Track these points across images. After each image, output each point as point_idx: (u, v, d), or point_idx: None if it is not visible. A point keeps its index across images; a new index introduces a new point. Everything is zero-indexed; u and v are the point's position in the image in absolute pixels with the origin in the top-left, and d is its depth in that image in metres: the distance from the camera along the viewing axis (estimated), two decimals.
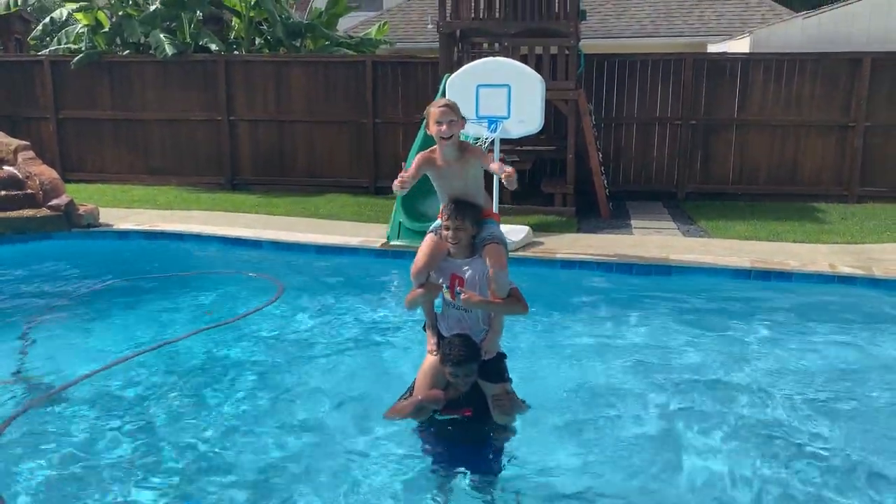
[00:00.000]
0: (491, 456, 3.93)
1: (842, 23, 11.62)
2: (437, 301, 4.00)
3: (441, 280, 3.88)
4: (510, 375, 3.98)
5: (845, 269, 7.09)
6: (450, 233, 3.79)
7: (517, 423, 4.00)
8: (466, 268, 3.85)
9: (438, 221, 3.97)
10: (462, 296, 3.75)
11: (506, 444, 3.96)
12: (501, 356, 4.02)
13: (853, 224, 9.26)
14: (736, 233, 8.79)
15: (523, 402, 4.02)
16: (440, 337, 3.91)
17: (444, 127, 3.79)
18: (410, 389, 4.03)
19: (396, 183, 3.75)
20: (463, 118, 3.90)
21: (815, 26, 11.77)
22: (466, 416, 3.86)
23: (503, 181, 3.77)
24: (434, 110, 3.85)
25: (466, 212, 3.84)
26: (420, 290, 3.85)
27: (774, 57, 11.03)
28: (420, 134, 8.76)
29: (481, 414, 3.87)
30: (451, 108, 3.87)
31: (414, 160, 3.95)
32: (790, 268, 7.16)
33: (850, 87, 10.76)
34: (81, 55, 12.17)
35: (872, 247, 8.09)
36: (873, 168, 10.90)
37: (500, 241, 3.86)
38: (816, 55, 10.89)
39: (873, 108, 10.73)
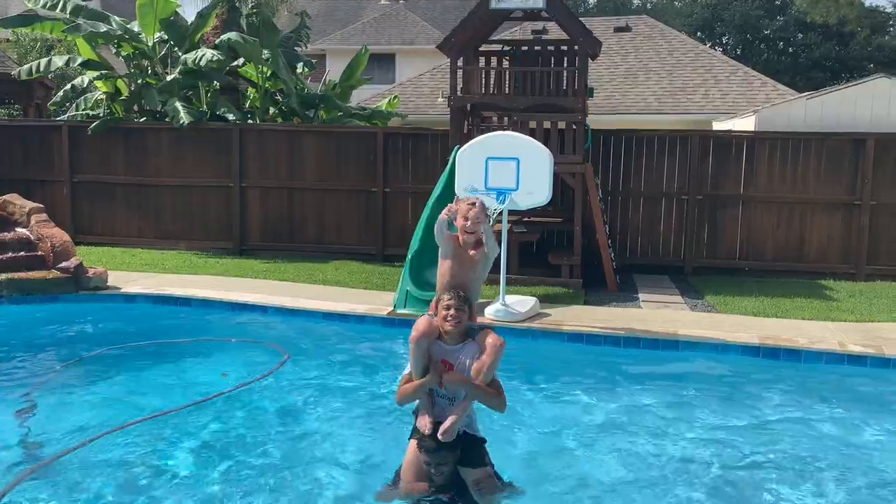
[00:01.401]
0: None
1: (844, 104, 11.84)
2: None
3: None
4: (492, 459, 3.98)
5: (855, 348, 7.02)
6: (451, 312, 3.81)
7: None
8: (458, 353, 3.88)
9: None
10: (445, 376, 3.73)
11: None
12: (480, 441, 4.00)
13: (861, 302, 9.22)
14: (743, 308, 8.75)
15: (510, 483, 3.95)
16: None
17: (468, 223, 4.07)
18: (397, 474, 3.99)
19: (443, 214, 4.10)
20: (487, 216, 4.04)
21: (818, 107, 12.00)
22: (446, 500, 3.83)
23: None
24: (465, 206, 4.07)
25: (467, 298, 3.89)
26: (417, 383, 3.82)
27: (779, 136, 11.20)
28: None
29: (462, 498, 3.81)
30: (482, 211, 4.12)
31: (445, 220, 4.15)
32: (799, 345, 7.10)
33: (855, 166, 10.88)
34: (99, 121, 12.45)
35: (882, 325, 8.03)
36: (880, 246, 10.92)
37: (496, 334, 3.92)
38: (821, 135, 11.05)
39: (878, 186, 10.82)
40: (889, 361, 6.78)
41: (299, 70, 14.21)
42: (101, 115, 13.16)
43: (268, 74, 13.45)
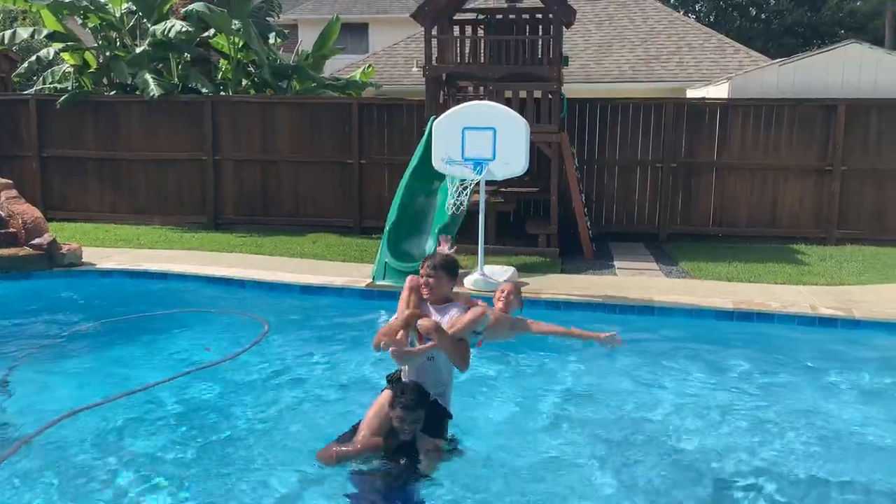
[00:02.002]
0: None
1: (816, 70, 11.94)
2: None
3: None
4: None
5: (826, 311, 7.18)
6: (425, 280, 4.06)
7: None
8: (440, 313, 4.07)
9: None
10: (422, 319, 3.91)
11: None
12: (447, 414, 4.15)
13: (832, 266, 9.40)
14: (717, 274, 8.88)
15: (458, 450, 4.13)
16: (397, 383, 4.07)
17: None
18: (351, 431, 4.05)
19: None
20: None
21: (790, 73, 12.09)
22: (391, 467, 3.95)
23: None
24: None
25: (441, 265, 4.08)
26: (393, 318, 4.02)
27: (752, 102, 11.29)
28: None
29: (409, 468, 3.93)
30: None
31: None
32: (772, 309, 7.24)
33: (827, 132, 11.01)
34: (68, 95, 12.21)
35: (852, 288, 8.21)
36: (850, 211, 11.11)
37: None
38: (793, 101, 11.16)
39: (849, 152, 10.98)
40: (858, 323, 6.95)
41: (271, 41, 14.00)
42: (69, 88, 12.90)
43: (239, 45, 13.23)
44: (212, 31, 12.91)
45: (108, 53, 12.76)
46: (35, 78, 14.33)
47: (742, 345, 6.55)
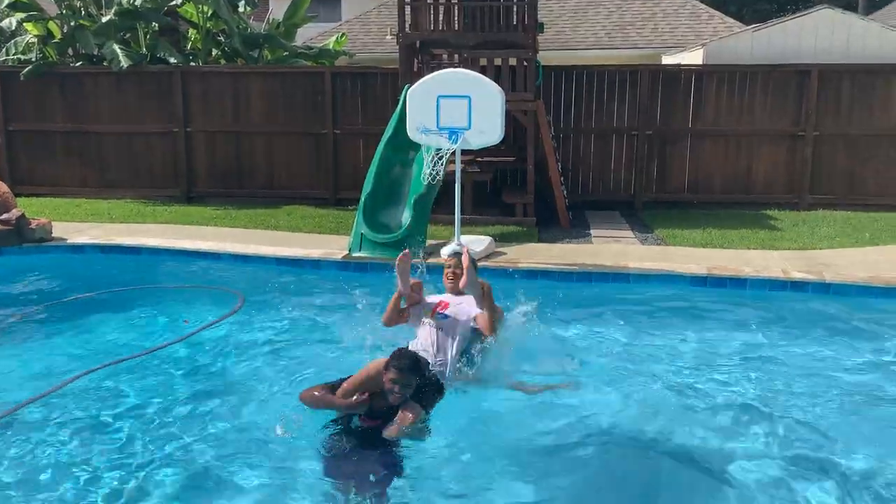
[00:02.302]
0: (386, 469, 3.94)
1: (790, 36, 11.97)
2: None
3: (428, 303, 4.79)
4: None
5: (797, 275, 7.28)
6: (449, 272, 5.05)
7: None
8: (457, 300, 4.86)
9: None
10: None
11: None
12: (439, 389, 4.23)
13: (804, 231, 9.52)
14: (692, 240, 8.96)
15: (427, 431, 4.05)
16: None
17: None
18: (338, 382, 4.09)
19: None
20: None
21: (764, 39, 12.11)
22: (372, 427, 3.98)
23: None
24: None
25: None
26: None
27: (727, 69, 11.30)
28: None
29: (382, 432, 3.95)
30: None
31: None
32: (745, 274, 7.33)
33: (800, 98, 11.08)
34: (32, 66, 11.90)
35: (823, 252, 8.32)
36: (822, 176, 11.22)
37: None
38: (767, 67, 11.19)
39: (822, 118, 11.06)
40: (829, 286, 7.06)
41: (241, 9, 13.69)
42: (33, 59, 12.57)
43: (208, 14, 12.96)
44: None
45: (72, 23, 12.43)
46: None
47: (715, 310, 6.64)
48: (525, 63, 9.61)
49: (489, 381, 4.66)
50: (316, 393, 4.10)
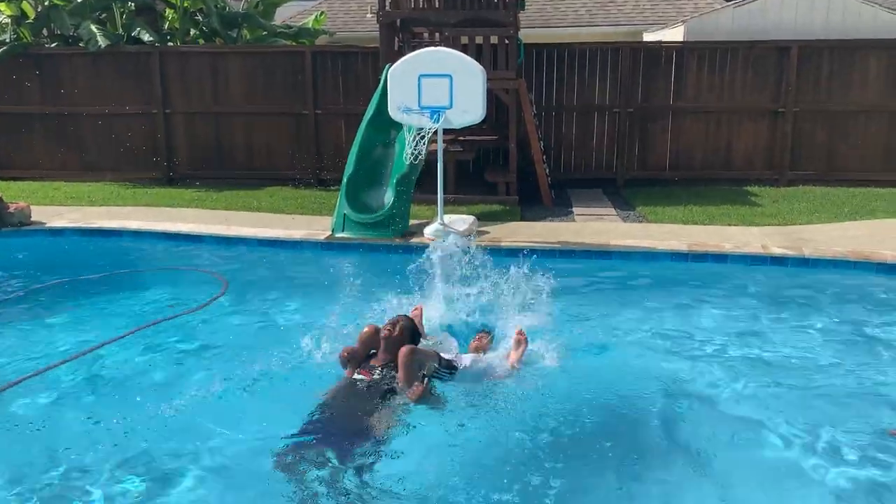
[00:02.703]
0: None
1: (770, 11, 12.00)
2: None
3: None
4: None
5: (777, 250, 7.37)
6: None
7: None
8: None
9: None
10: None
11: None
12: (452, 371, 4.44)
13: (783, 206, 9.61)
14: (673, 217, 9.03)
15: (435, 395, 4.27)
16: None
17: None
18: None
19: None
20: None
21: (745, 14, 12.13)
22: (363, 378, 4.28)
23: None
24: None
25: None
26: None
27: (707, 45, 11.32)
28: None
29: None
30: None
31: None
32: (725, 249, 7.40)
33: (780, 74, 11.12)
34: (6, 47, 11.70)
35: (802, 228, 8.42)
36: (802, 152, 11.31)
37: None
38: (747, 43, 11.22)
39: (801, 94, 11.12)
40: (808, 261, 7.15)
41: None
42: (7, 40, 12.34)
43: None
44: None
45: (46, 3, 12.21)
46: None
47: (697, 285, 6.71)
48: (507, 41, 9.57)
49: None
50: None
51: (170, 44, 12.76)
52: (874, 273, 6.94)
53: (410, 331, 4.55)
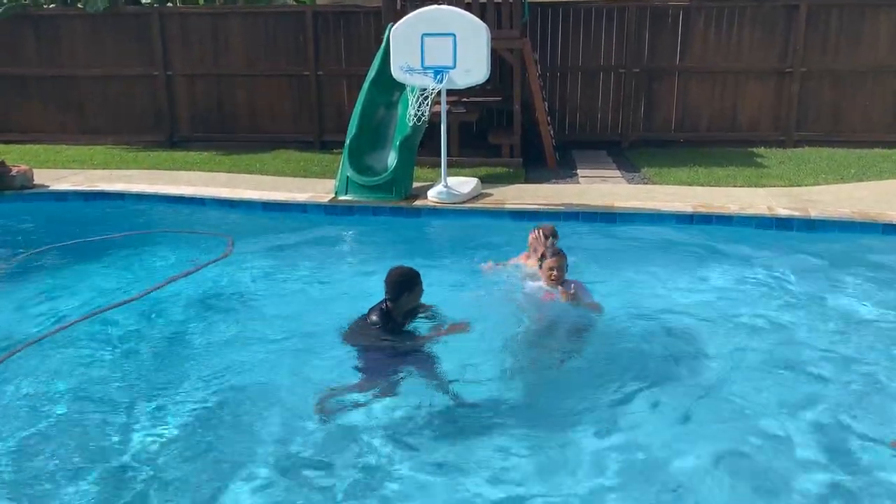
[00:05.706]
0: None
1: None
2: None
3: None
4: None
5: (782, 211, 7.33)
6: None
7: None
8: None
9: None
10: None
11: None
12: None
13: (790, 168, 9.53)
14: (678, 179, 8.97)
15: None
16: None
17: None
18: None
19: None
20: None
21: None
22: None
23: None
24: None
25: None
26: None
27: (715, 4, 11.13)
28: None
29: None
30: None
31: None
32: (730, 211, 7.37)
33: (787, 34, 10.96)
34: (3, 8, 11.56)
35: (808, 189, 8.36)
36: (809, 113, 11.19)
37: None
38: (755, 2, 11.03)
39: (809, 54, 10.97)
40: (814, 222, 7.12)
41: None
42: (4, 2, 12.19)
43: None
44: None
45: None
46: None
47: (702, 247, 6.68)
48: None
49: None
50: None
51: (169, 4, 12.60)
52: (880, 234, 6.91)
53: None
